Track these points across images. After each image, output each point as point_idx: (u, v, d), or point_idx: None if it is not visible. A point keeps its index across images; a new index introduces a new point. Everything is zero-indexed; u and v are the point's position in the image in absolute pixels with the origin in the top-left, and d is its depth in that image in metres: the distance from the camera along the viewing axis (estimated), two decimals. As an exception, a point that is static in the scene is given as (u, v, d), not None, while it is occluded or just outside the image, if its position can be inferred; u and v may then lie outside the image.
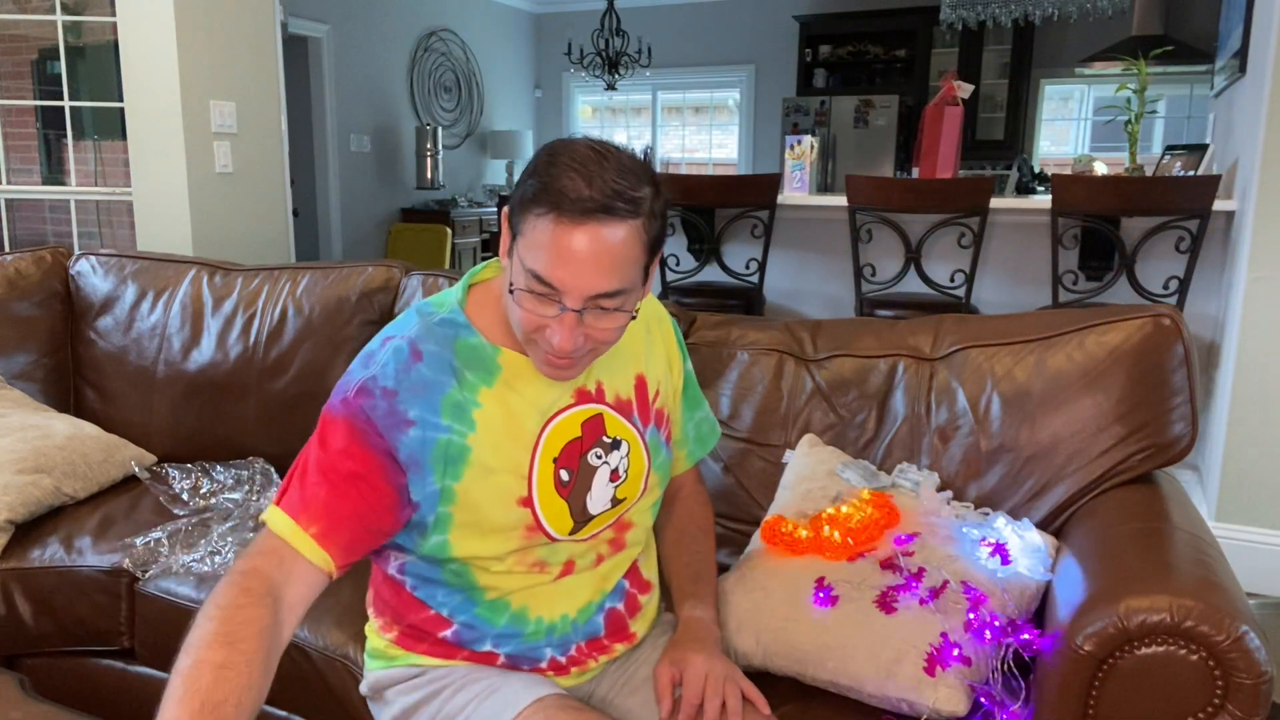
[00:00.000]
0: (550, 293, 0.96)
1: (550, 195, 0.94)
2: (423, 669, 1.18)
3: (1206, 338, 3.21)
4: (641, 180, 0.97)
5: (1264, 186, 2.54)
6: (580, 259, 0.94)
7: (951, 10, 5.58)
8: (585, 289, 0.96)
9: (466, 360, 1.08)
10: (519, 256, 0.98)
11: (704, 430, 1.35)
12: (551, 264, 0.95)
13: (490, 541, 1.09)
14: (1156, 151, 5.57)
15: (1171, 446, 1.41)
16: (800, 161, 3.76)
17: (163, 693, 0.88)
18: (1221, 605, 0.99)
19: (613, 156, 0.97)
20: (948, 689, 1.16)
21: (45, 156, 3.75)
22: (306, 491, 1.01)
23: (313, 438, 1.05)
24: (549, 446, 1.10)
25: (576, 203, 0.93)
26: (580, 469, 1.12)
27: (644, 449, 1.18)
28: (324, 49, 6.35)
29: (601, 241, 0.94)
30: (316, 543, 1.00)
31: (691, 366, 1.34)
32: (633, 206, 0.95)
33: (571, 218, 0.93)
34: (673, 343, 1.28)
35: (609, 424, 1.14)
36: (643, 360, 1.20)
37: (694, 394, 1.33)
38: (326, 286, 2.14)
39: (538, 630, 1.16)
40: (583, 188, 0.93)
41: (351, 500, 1.01)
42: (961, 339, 1.60)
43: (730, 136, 8.31)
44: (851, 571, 1.30)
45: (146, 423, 2.19)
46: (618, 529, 1.18)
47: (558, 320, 0.98)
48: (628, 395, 1.17)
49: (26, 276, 2.28)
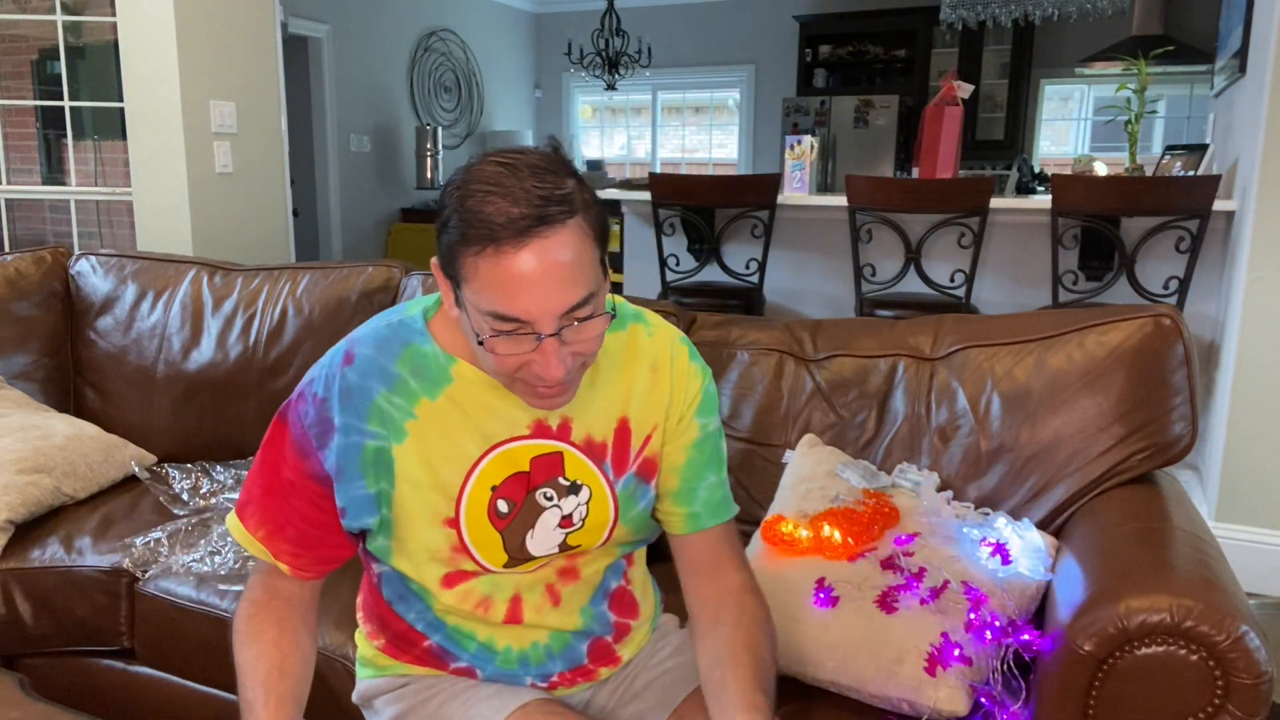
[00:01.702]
0: (519, 327, 0.88)
1: (479, 229, 0.86)
2: (410, 678, 1.17)
3: (1206, 338, 3.21)
4: (560, 174, 0.90)
5: (1264, 186, 2.54)
6: (537, 281, 0.86)
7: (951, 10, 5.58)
8: (554, 309, 0.88)
9: (412, 368, 1.02)
10: (470, 305, 0.90)
11: (715, 496, 1.12)
12: (509, 298, 0.87)
13: (418, 562, 1.05)
14: (1156, 151, 5.57)
15: (1171, 446, 1.41)
16: (800, 161, 3.76)
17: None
18: (1221, 605, 0.99)
19: (521, 164, 0.89)
20: (948, 689, 1.16)
21: (45, 156, 3.75)
22: (254, 491, 1.08)
23: (267, 434, 1.09)
24: (488, 473, 1.02)
25: (509, 225, 0.85)
26: (525, 505, 1.04)
27: (611, 499, 1.07)
28: (324, 49, 6.35)
29: (551, 254, 0.86)
30: (264, 546, 1.07)
31: (720, 425, 1.16)
32: (566, 205, 0.88)
33: (512, 242, 0.85)
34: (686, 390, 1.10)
35: (569, 465, 1.04)
36: (632, 404, 1.07)
37: (714, 455, 1.13)
38: (326, 286, 2.14)
39: (508, 659, 1.13)
40: (509, 208, 0.85)
41: (290, 504, 1.05)
42: (961, 339, 1.60)
43: (730, 136, 8.31)
44: (852, 571, 1.30)
45: (146, 423, 2.19)
46: (569, 558, 1.10)
47: (538, 352, 0.90)
48: (603, 438, 1.06)
49: (26, 276, 2.28)
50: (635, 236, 4.18)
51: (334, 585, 1.61)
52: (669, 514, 1.12)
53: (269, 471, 1.06)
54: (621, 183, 5.15)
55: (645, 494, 1.09)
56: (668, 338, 1.11)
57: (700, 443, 1.11)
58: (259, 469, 1.07)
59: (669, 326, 1.13)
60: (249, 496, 1.08)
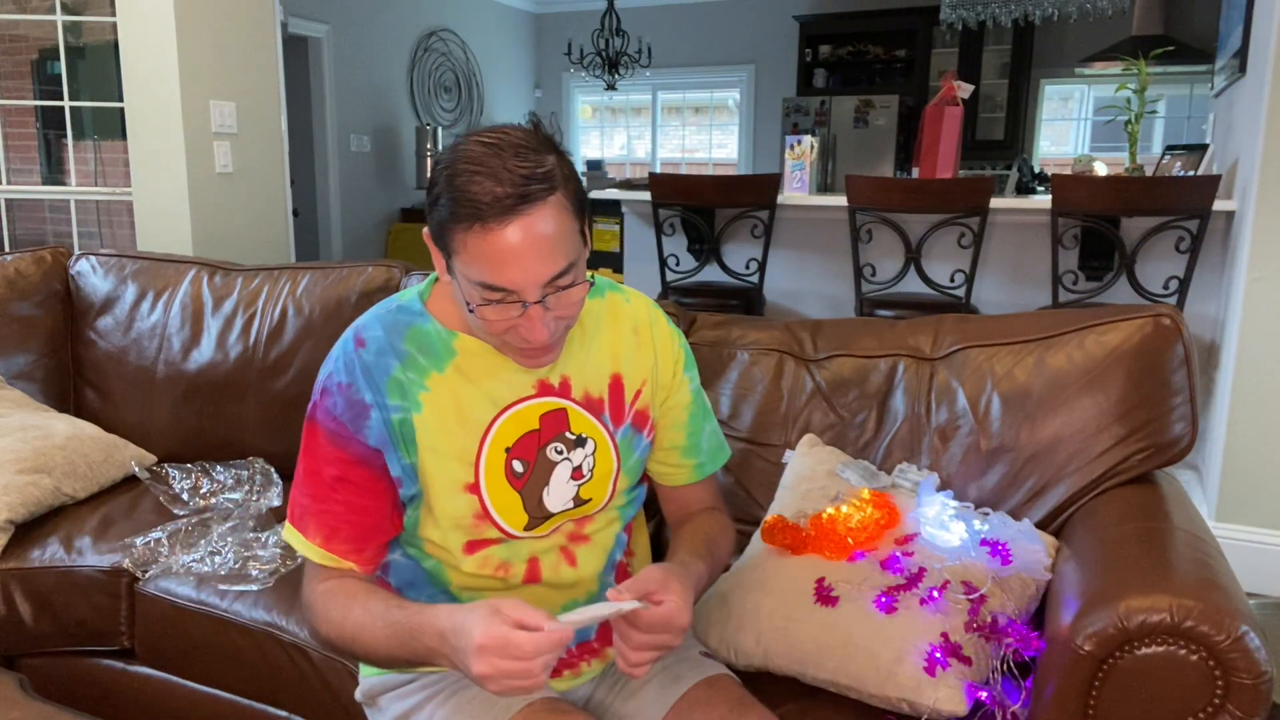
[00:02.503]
0: (506, 295, 0.96)
1: (467, 207, 0.93)
2: (414, 675, 1.18)
3: (1206, 338, 3.21)
4: (541, 152, 0.96)
5: (1264, 186, 2.54)
6: (520, 254, 0.94)
7: (951, 10, 5.58)
8: (538, 279, 0.95)
9: (418, 345, 1.09)
10: (461, 275, 0.98)
11: (713, 443, 1.29)
12: (496, 270, 0.94)
13: (444, 529, 1.10)
14: (1156, 151, 5.57)
15: (1171, 446, 1.41)
16: (800, 161, 3.76)
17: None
18: (1221, 605, 0.99)
19: (505, 142, 0.95)
20: (948, 689, 1.16)
21: (45, 156, 3.75)
22: (301, 501, 1.10)
23: (301, 445, 1.10)
24: (501, 435, 1.09)
25: (494, 205, 0.92)
26: (538, 462, 1.11)
27: (613, 449, 1.16)
28: (324, 49, 6.35)
29: (534, 230, 0.93)
30: (326, 550, 1.08)
31: (698, 378, 1.28)
32: (547, 183, 0.94)
33: (497, 219, 0.92)
34: (669, 350, 1.22)
35: (573, 420, 1.13)
36: (621, 360, 1.18)
37: (704, 405, 1.28)
38: (326, 286, 2.14)
39: None
40: (493, 187, 0.92)
41: (342, 503, 1.07)
42: (961, 339, 1.60)
43: (730, 136, 8.31)
44: (851, 571, 1.30)
45: (146, 423, 2.19)
46: (576, 524, 1.17)
47: (524, 318, 0.98)
48: (599, 394, 1.15)
49: (26, 276, 2.28)
50: (635, 236, 4.18)
51: (334, 585, 1.61)
52: (678, 467, 1.25)
53: (311, 478, 1.08)
54: (621, 183, 5.15)
55: (639, 442, 1.19)
56: (644, 304, 1.23)
57: (694, 398, 1.25)
58: (302, 479, 1.10)
59: (642, 295, 1.25)
60: (301, 507, 1.09)
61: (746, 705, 1.13)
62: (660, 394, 1.21)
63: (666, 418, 1.23)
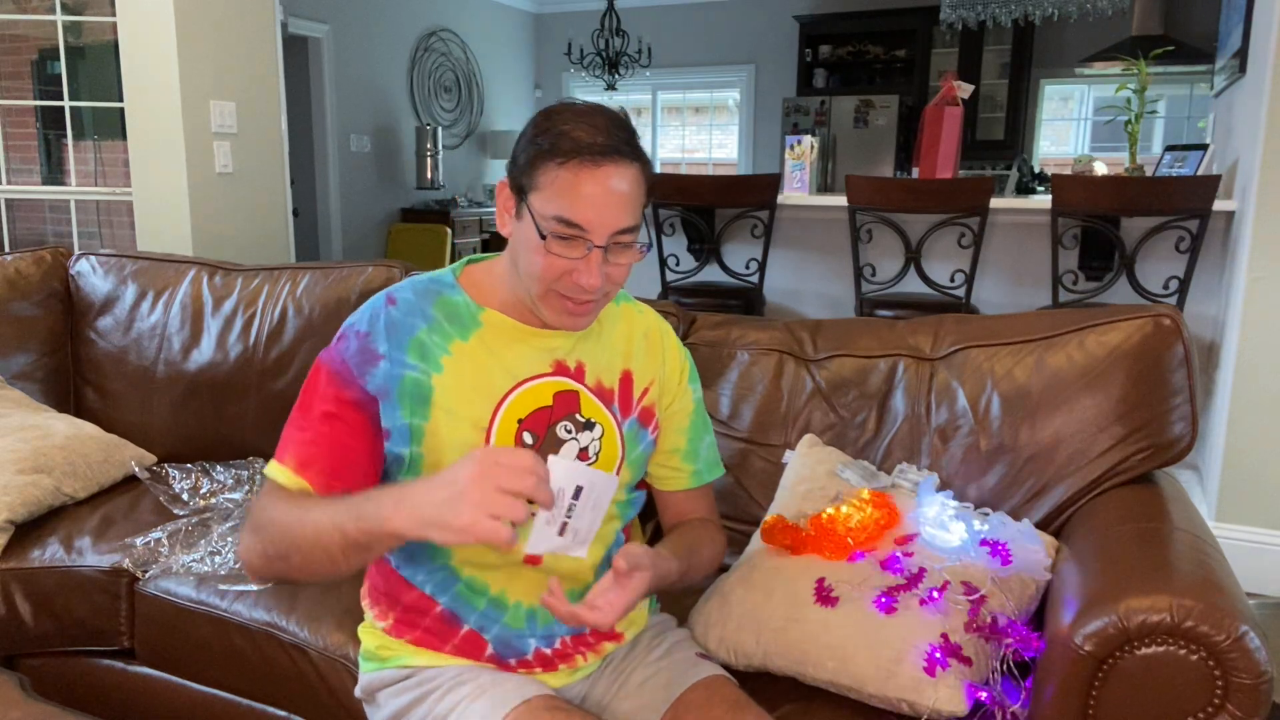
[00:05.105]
0: (577, 233, 1.03)
1: (565, 145, 1.01)
2: (413, 670, 1.18)
3: (1206, 338, 3.21)
4: (630, 131, 1.07)
5: (1264, 186, 2.53)
6: (603, 198, 1.02)
7: (951, 10, 5.58)
8: (610, 225, 1.03)
9: (445, 313, 1.14)
10: (535, 211, 1.04)
11: (711, 456, 1.33)
12: (576, 206, 1.02)
13: None
14: (1156, 151, 5.57)
15: (1171, 446, 1.41)
16: (800, 161, 3.76)
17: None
18: (1221, 605, 0.99)
19: (602, 111, 1.06)
20: (948, 689, 1.16)
21: (45, 156, 3.75)
22: (288, 433, 1.11)
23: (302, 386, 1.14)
24: (515, 406, 1.12)
25: (592, 148, 1.01)
26: (547, 438, 1.14)
27: (619, 437, 1.19)
28: (324, 49, 6.35)
29: (618, 181, 1.03)
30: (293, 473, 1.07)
31: (701, 394, 1.34)
32: (635, 151, 1.05)
33: (592, 160, 1.01)
34: (677, 360, 1.29)
35: (584, 404, 1.17)
36: (632, 360, 1.24)
37: (705, 420, 1.33)
38: (326, 286, 2.14)
39: (517, 615, 1.16)
40: (594, 135, 1.02)
41: (326, 436, 1.09)
42: (961, 339, 1.60)
43: (730, 136, 8.31)
44: (851, 572, 1.30)
45: (146, 423, 2.19)
46: None
47: (584, 260, 1.04)
48: (610, 385, 1.20)
49: (26, 276, 2.28)
50: (635, 236, 4.18)
51: (335, 585, 1.61)
52: (677, 471, 1.30)
53: (303, 412, 1.11)
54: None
55: (644, 437, 1.24)
56: (654, 316, 1.32)
57: (696, 408, 1.31)
58: (295, 414, 1.12)
59: (652, 309, 1.34)
60: (285, 439, 1.11)
61: (743, 706, 1.13)
62: (666, 398, 1.27)
63: (669, 421, 1.27)
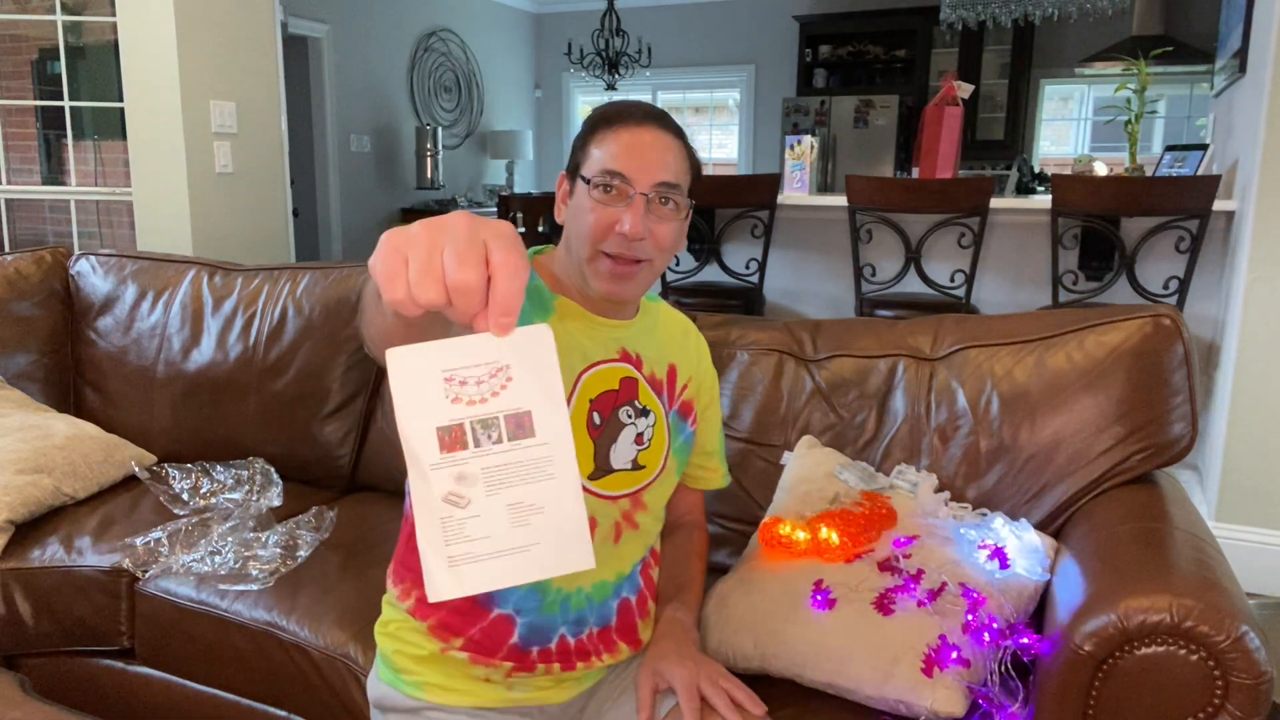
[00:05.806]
0: (621, 184, 1.10)
1: (619, 113, 1.13)
2: (421, 707, 1.17)
3: (1206, 338, 3.21)
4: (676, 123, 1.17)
5: (1264, 186, 2.53)
6: (645, 149, 1.11)
7: (951, 10, 5.58)
8: (653, 175, 1.10)
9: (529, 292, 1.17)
10: (585, 176, 1.12)
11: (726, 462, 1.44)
12: (621, 156, 1.10)
13: None
14: (1156, 151, 5.57)
15: (1171, 446, 1.41)
16: (800, 161, 3.76)
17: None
18: (1221, 605, 0.99)
19: (651, 105, 1.17)
20: (946, 690, 1.16)
21: (45, 156, 3.75)
22: None
23: None
24: (588, 387, 1.17)
25: (637, 111, 1.13)
26: (610, 420, 1.18)
27: (667, 426, 1.25)
28: (324, 49, 6.35)
29: (662, 138, 1.13)
30: None
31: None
32: (679, 131, 1.16)
33: (636, 121, 1.12)
34: (706, 361, 1.37)
35: (641, 392, 1.23)
36: (678, 354, 1.30)
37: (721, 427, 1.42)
38: (326, 286, 2.14)
39: (554, 601, 1.16)
40: (643, 108, 1.15)
41: None
42: (961, 339, 1.60)
43: (730, 136, 8.31)
44: (849, 573, 1.30)
45: (146, 423, 2.19)
46: (633, 504, 1.20)
47: (628, 208, 1.10)
48: (661, 376, 1.26)
49: (26, 276, 2.28)
50: (635, 236, 4.18)
51: (335, 585, 1.61)
52: (714, 471, 1.40)
53: None
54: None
55: (684, 429, 1.30)
56: (686, 318, 1.39)
57: (718, 413, 1.40)
58: None
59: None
60: None
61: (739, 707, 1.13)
62: (704, 397, 1.34)
63: (705, 422, 1.35)
